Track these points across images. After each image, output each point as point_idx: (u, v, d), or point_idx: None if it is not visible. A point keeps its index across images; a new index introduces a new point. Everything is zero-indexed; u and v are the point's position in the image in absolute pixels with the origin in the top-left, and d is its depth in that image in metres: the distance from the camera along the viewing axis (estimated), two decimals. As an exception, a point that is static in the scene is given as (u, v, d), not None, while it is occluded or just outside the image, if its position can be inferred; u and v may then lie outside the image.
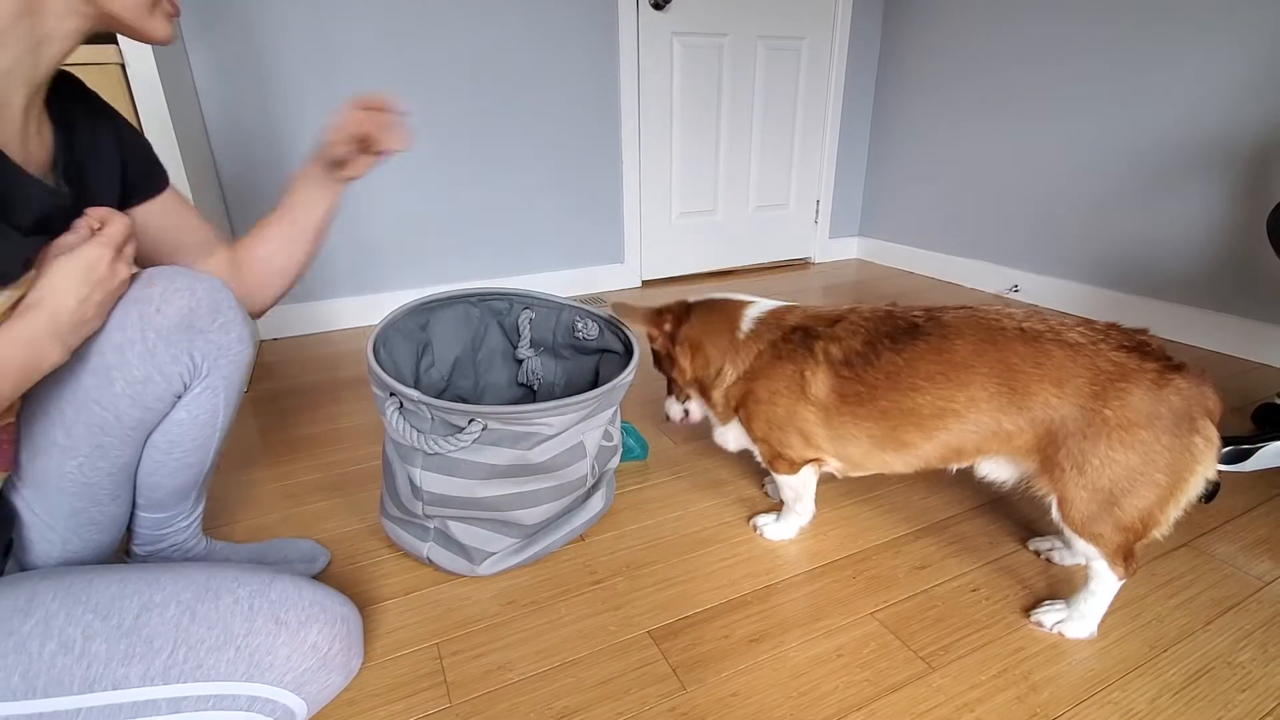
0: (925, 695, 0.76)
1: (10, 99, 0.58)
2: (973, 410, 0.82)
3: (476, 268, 2.26)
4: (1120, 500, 0.77)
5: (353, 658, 0.70)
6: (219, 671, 0.60)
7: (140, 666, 0.58)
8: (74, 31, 0.60)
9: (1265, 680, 0.77)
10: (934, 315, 0.87)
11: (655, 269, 2.60)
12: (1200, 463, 0.76)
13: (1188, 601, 0.90)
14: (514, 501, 0.89)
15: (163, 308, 0.67)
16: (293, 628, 0.64)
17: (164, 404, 0.72)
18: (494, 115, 2.12)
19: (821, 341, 0.91)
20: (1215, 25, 1.69)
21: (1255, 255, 1.70)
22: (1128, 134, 1.92)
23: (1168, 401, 0.75)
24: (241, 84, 1.79)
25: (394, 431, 0.84)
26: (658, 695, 0.76)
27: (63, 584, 0.60)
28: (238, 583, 0.65)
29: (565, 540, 1.01)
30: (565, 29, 2.13)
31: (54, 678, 0.55)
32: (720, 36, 2.40)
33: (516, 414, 0.82)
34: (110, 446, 0.71)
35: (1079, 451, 0.77)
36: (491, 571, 0.94)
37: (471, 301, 1.09)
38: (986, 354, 0.81)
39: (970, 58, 2.34)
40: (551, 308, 1.13)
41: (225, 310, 0.73)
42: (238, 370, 0.78)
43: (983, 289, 2.46)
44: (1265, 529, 1.04)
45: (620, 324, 1.05)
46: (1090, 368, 0.77)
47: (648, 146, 2.41)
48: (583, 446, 0.93)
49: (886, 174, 2.81)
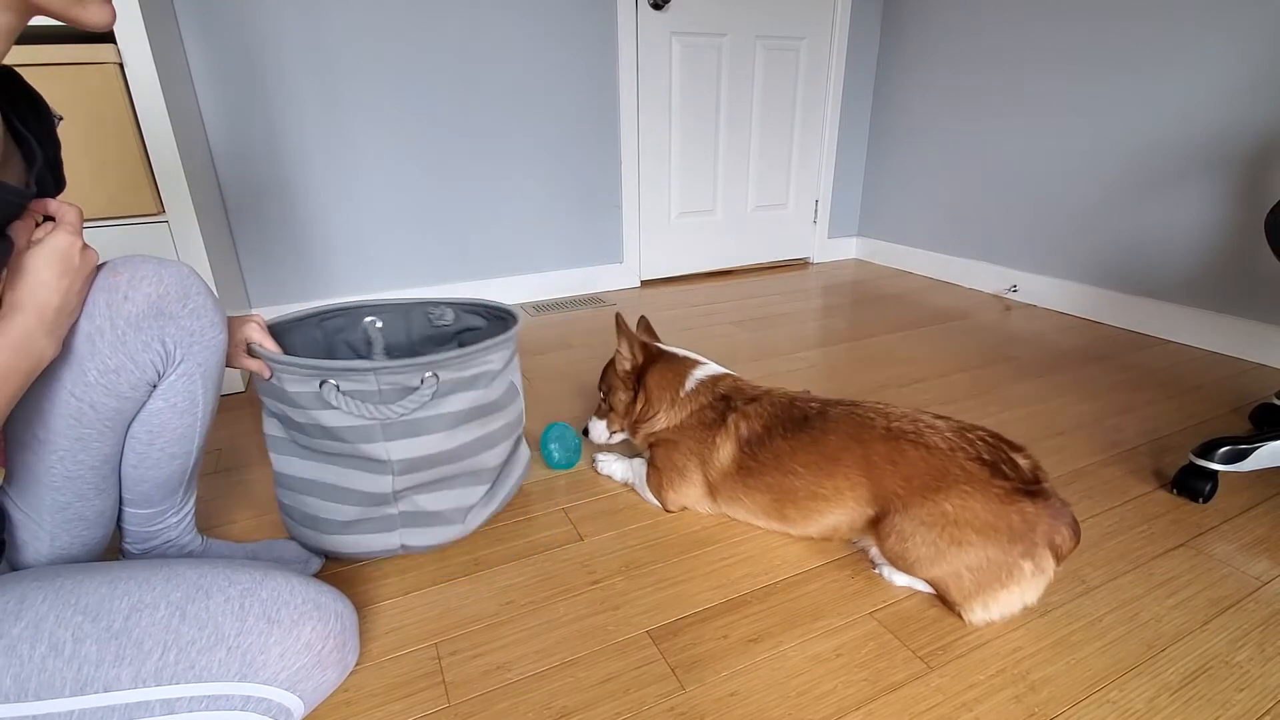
0: (924, 695, 0.76)
1: None
2: (837, 497, 0.94)
3: (475, 268, 2.26)
4: (919, 568, 0.87)
5: (348, 654, 0.70)
6: (211, 672, 0.59)
7: (131, 669, 0.57)
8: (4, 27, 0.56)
9: (1263, 680, 0.78)
10: (823, 409, 0.99)
11: (654, 269, 2.60)
12: (1019, 585, 0.83)
13: (1186, 601, 0.90)
14: (479, 446, 0.94)
15: (130, 295, 0.67)
16: (285, 626, 0.63)
17: (139, 392, 0.72)
18: (492, 115, 2.12)
19: (735, 415, 1.04)
20: (1214, 25, 1.69)
21: (1253, 255, 1.70)
22: (1126, 134, 1.92)
23: (1008, 519, 0.81)
24: (240, 83, 1.78)
25: (339, 418, 0.83)
26: (657, 695, 0.76)
27: (53, 585, 0.60)
28: (229, 581, 0.64)
29: (517, 486, 1.08)
30: (564, 29, 2.13)
31: (45, 680, 0.55)
32: (719, 36, 2.40)
33: (461, 356, 0.86)
34: (89, 439, 0.71)
35: (909, 530, 0.86)
36: (476, 524, 0.98)
37: (312, 323, 1.04)
38: (852, 449, 0.93)
39: (969, 57, 2.34)
40: (397, 308, 1.11)
41: (195, 295, 0.72)
42: (213, 356, 0.77)
43: (981, 289, 2.46)
44: (1263, 529, 1.05)
45: (480, 301, 1.09)
46: (940, 470, 0.86)
47: (646, 146, 2.41)
48: (515, 387, 1.01)
49: (885, 174, 2.81)
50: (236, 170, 1.84)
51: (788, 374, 1.69)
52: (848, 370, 1.71)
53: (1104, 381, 1.62)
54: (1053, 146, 2.13)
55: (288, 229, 1.95)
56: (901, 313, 2.21)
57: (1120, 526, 1.06)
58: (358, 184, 2.00)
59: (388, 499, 0.91)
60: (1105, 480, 1.19)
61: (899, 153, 2.72)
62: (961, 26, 2.35)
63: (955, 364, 1.75)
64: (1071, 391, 1.56)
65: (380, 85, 1.94)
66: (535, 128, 2.20)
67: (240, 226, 1.89)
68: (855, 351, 1.86)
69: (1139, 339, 1.92)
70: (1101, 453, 1.28)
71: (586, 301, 2.38)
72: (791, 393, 1.07)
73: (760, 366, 1.74)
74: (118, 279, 0.67)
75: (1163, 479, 1.19)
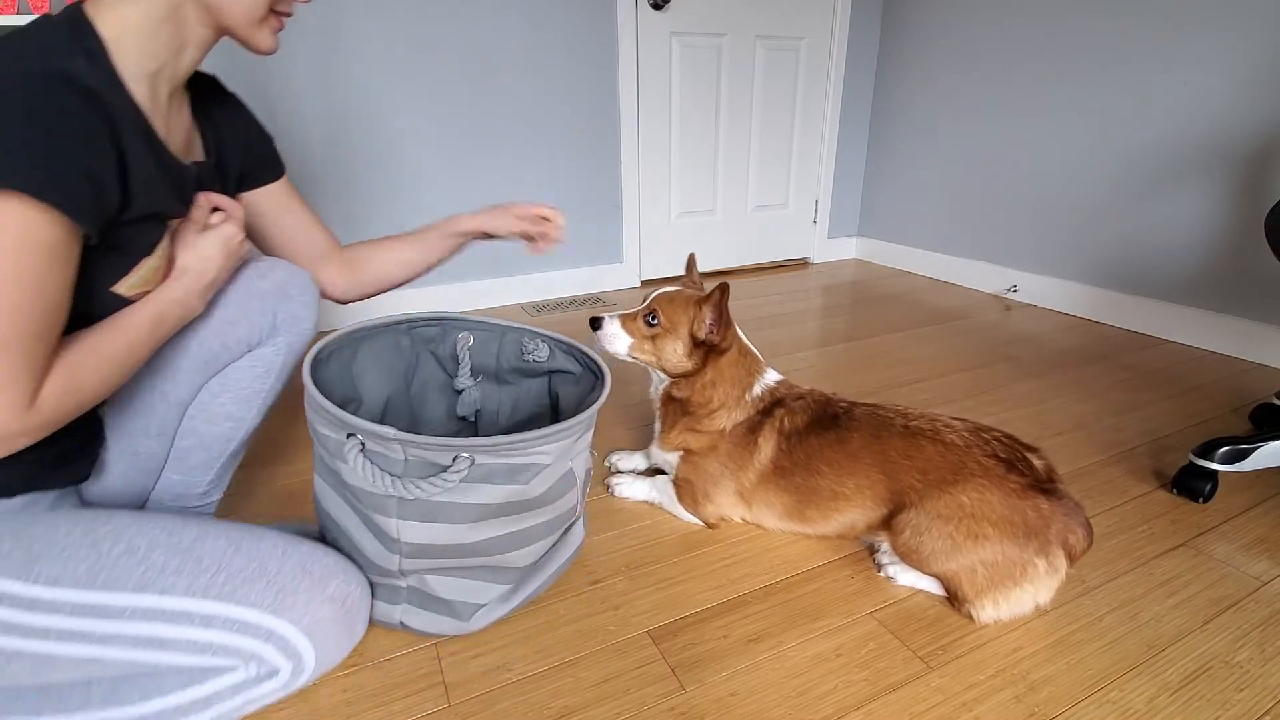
0: (924, 695, 0.76)
1: (159, 93, 0.71)
2: (857, 495, 0.94)
3: (474, 268, 2.26)
4: (931, 562, 0.87)
5: (357, 622, 0.77)
6: (249, 600, 0.68)
7: (187, 580, 0.66)
8: (204, 40, 0.73)
9: (1263, 680, 0.78)
10: (850, 409, 0.99)
11: (654, 269, 2.60)
12: (1033, 584, 0.83)
13: (1186, 601, 0.90)
14: (507, 543, 0.79)
15: (268, 274, 0.85)
16: (316, 577, 0.72)
17: (239, 348, 0.84)
18: (493, 114, 2.12)
19: (782, 410, 1.02)
20: (1214, 25, 1.69)
21: (1254, 255, 1.70)
22: (1126, 134, 1.92)
23: (1024, 514, 0.82)
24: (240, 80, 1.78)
25: (357, 478, 0.73)
26: (657, 695, 0.76)
27: (135, 512, 0.72)
28: (277, 533, 0.75)
29: (553, 579, 0.92)
30: (564, 28, 2.13)
31: (114, 575, 0.64)
32: (719, 36, 2.40)
33: (509, 444, 0.72)
34: (181, 373, 0.82)
35: (925, 523, 0.87)
36: (481, 625, 0.84)
37: (401, 329, 0.97)
38: (871, 446, 0.93)
39: (969, 57, 2.34)
40: (492, 330, 1.02)
41: (308, 293, 0.88)
42: (298, 341, 0.89)
43: (981, 289, 2.46)
44: (1263, 529, 1.05)
45: (575, 344, 0.98)
46: (956, 464, 0.87)
47: (646, 146, 2.41)
48: (573, 474, 0.84)
49: (885, 174, 2.81)
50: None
51: (788, 374, 1.68)
52: (847, 370, 1.71)
53: (1104, 381, 1.62)
54: (1053, 146, 2.13)
55: (288, 229, 1.95)
56: (901, 313, 2.21)
57: (1120, 526, 1.06)
58: (357, 183, 2.00)
59: (394, 574, 0.80)
60: (1105, 480, 1.19)
61: (899, 153, 2.72)
62: (961, 26, 2.35)
63: (955, 364, 1.75)
64: (1071, 391, 1.56)
65: (380, 84, 1.94)
66: (535, 127, 2.20)
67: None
68: (855, 351, 1.86)
69: (1139, 339, 1.92)
70: (1101, 453, 1.28)
71: (586, 301, 2.38)
72: (827, 393, 1.05)
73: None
74: (262, 265, 0.86)
75: (1163, 479, 1.19)
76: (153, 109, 0.69)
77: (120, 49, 0.64)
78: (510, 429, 1.07)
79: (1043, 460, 0.88)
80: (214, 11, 0.70)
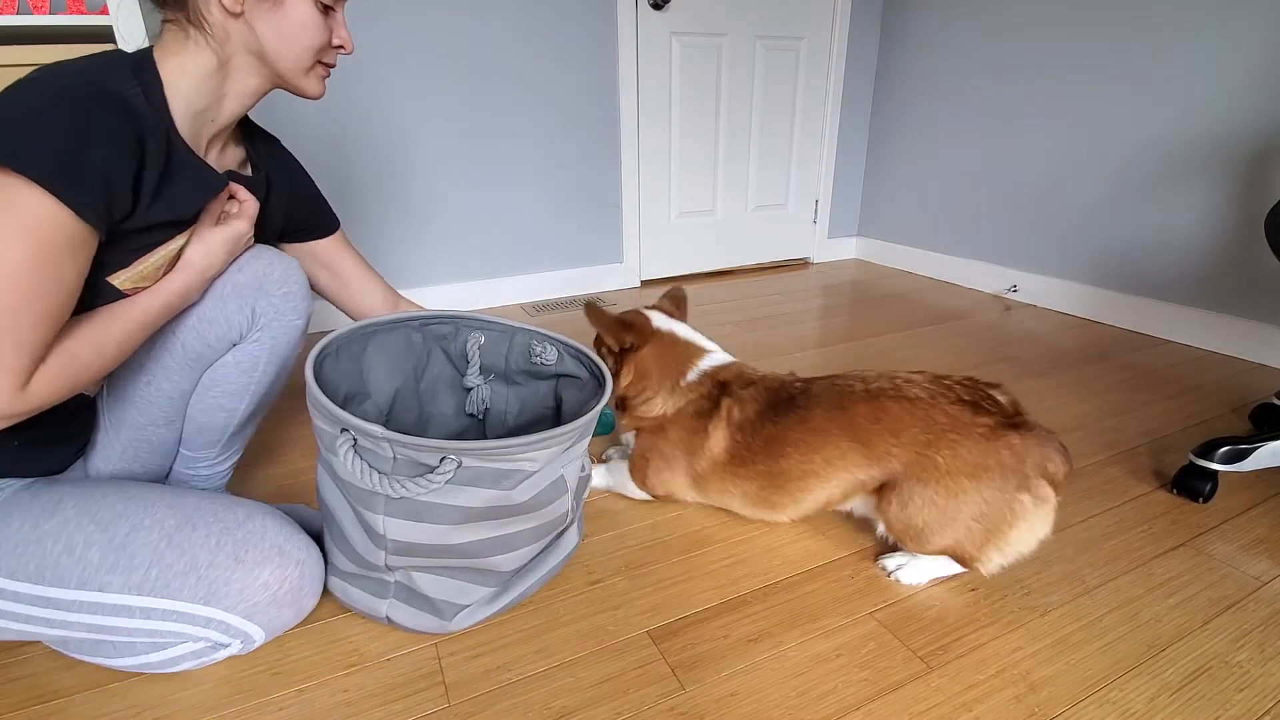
0: (924, 695, 0.76)
1: (202, 131, 0.79)
2: (829, 469, 0.93)
3: (476, 267, 2.26)
4: (929, 537, 0.87)
5: (304, 598, 0.81)
6: (182, 593, 0.72)
7: (121, 577, 0.71)
8: (253, 90, 0.81)
9: (1263, 680, 0.78)
10: (806, 387, 0.99)
11: (654, 269, 2.60)
12: (1024, 519, 0.83)
13: (1186, 601, 0.90)
14: (492, 546, 0.79)
15: (244, 268, 0.84)
16: (249, 565, 0.75)
17: (222, 345, 0.85)
18: (492, 114, 2.12)
19: (729, 400, 1.01)
20: (1214, 25, 1.69)
21: (1253, 255, 1.70)
22: (1126, 133, 1.92)
23: (997, 455, 0.82)
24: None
25: (347, 473, 0.74)
26: (657, 695, 0.76)
27: (84, 493, 0.75)
28: (215, 517, 0.77)
29: (542, 583, 0.92)
30: (564, 28, 2.13)
31: (57, 573, 0.70)
32: (719, 36, 2.40)
33: (497, 449, 0.72)
34: (173, 370, 0.85)
35: (907, 492, 0.87)
36: (464, 626, 0.85)
37: (413, 326, 0.98)
38: (836, 419, 0.92)
39: (969, 57, 2.34)
40: (503, 331, 1.03)
41: (292, 283, 0.87)
42: (286, 336, 0.89)
43: (981, 289, 2.46)
44: (1263, 528, 1.05)
45: (582, 349, 0.98)
46: (925, 419, 0.86)
47: (646, 146, 2.41)
48: (564, 481, 0.83)
49: (885, 174, 2.81)
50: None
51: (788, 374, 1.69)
52: (847, 370, 1.71)
53: (1104, 381, 1.62)
54: (1053, 146, 2.13)
55: (288, 229, 1.95)
56: (901, 313, 2.21)
57: (1120, 526, 1.06)
58: (357, 183, 2.00)
59: (382, 569, 0.82)
60: (1105, 480, 1.19)
61: (899, 152, 2.72)
62: (961, 26, 2.35)
63: (955, 364, 1.75)
64: (1071, 391, 1.56)
65: (380, 85, 1.94)
66: (535, 127, 2.20)
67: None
68: (855, 351, 1.86)
69: (1139, 339, 1.92)
70: (1101, 453, 1.28)
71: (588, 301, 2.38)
72: (781, 376, 1.05)
73: (760, 366, 1.74)
74: (241, 256, 0.85)
75: (1163, 479, 1.19)
76: (194, 140, 0.77)
77: (174, 90, 0.73)
78: (517, 429, 1.08)
79: (1007, 395, 0.88)
80: (267, 64, 0.79)
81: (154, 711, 0.74)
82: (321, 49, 0.81)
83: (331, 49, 0.83)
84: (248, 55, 0.77)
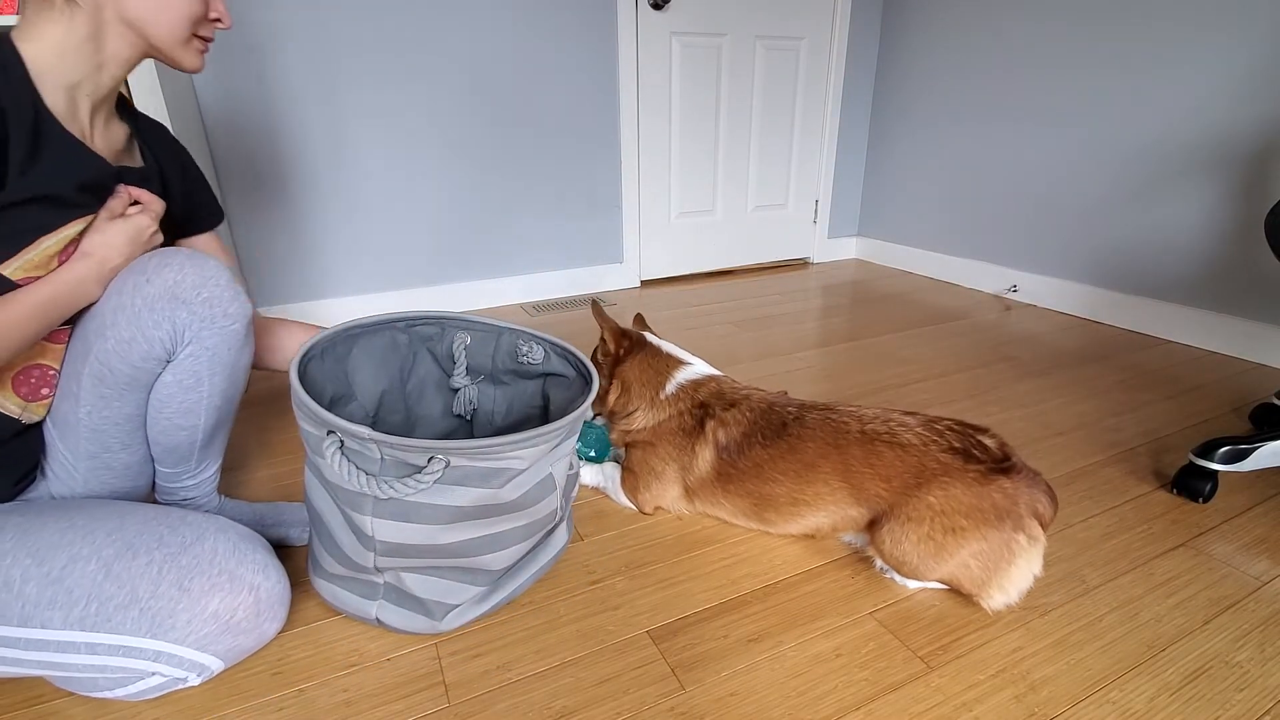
0: (924, 695, 0.76)
1: (79, 104, 0.76)
2: (819, 501, 0.95)
3: (476, 267, 2.26)
4: (923, 571, 0.88)
5: (264, 623, 0.77)
6: (125, 627, 0.68)
7: (61, 612, 0.67)
8: (127, 58, 0.78)
9: (1263, 680, 0.78)
10: (800, 415, 0.99)
11: (654, 269, 2.60)
12: (1022, 557, 0.85)
13: (1186, 601, 0.90)
14: (481, 545, 0.79)
15: (152, 278, 0.76)
16: (194, 595, 0.71)
17: (150, 364, 0.79)
18: (492, 115, 2.12)
19: (713, 422, 1.03)
20: (1214, 25, 1.69)
21: (1253, 255, 1.70)
22: (1126, 134, 1.92)
23: (990, 498, 0.84)
24: (238, 82, 1.78)
25: (334, 475, 0.73)
26: (657, 695, 0.76)
27: (25, 522, 0.71)
28: (159, 541, 0.72)
29: (532, 581, 0.92)
30: (564, 29, 2.13)
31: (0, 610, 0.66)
32: (719, 36, 2.40)
33: (484, 448, 0.72)
34: (110, 398, 0.80)
35: (900, 531, 0.88)
36: (454, 626, 0.85)
37: (399, 327, 0.97)
38: (830, 456, 0.94)
39: (969, 58, 2.34)
40: (489, 331, 1.03)
41: (211, 286, 0.79)
42: (225, 343, 0.82)
43: (981, 289, 2.46)
44: (1263, 528, 1.05)
45: (569, 348, 0.98)
46: (917, 467, 0.88)
47: (646, 146, 2.41)
48: (552, 479, 0.84)
49: (885, 174, 2.81)
50: (237, 170, 1.84)
51: (787, 374, 1.69)
52: (847, 370, 1.71)
53: (1103, 381, 1.62)
54: (1053, 146, 2.13)
55: (287, 228, 1.95)
56: (901, 313, 2.21)
57: (1120, 526, 1.06)
58: (358, 184, 2.00)
59: (371, 571, 0.81)
60: (1105, 480, 1.19)
61: (899, 153, 2.72)
62: (961, 26, 2.35)
63: (955, 364, 1.75)
64: (1071, 391, 1.56)
65: (381, 85, 1.94)
66: (535, 128, 2.19)
67: (239, 225, 1.89)
68: (855, 351, 1.86)
69: (1139, 339, 1.92)
70: (1101, 453, 1.28)
71: (587, 301, 2.37)
72: (770, 396, 1.05)
73: (760, 366, 1.74)
74: (148, 264, 0.77)
75: (1163, 479, 1.19)
76: (69, 115, 0.75)
77: (39, 62, 0.71)
78: (505, 429, 1.08)
79: (994, 438, 0.90)
80: (139, 33, 0.76)
81: (154, 711, 0.74)
82: (197, 21, 0.79)
83: (208, 22, 0.81)
84: (120, 24, 0.75)
